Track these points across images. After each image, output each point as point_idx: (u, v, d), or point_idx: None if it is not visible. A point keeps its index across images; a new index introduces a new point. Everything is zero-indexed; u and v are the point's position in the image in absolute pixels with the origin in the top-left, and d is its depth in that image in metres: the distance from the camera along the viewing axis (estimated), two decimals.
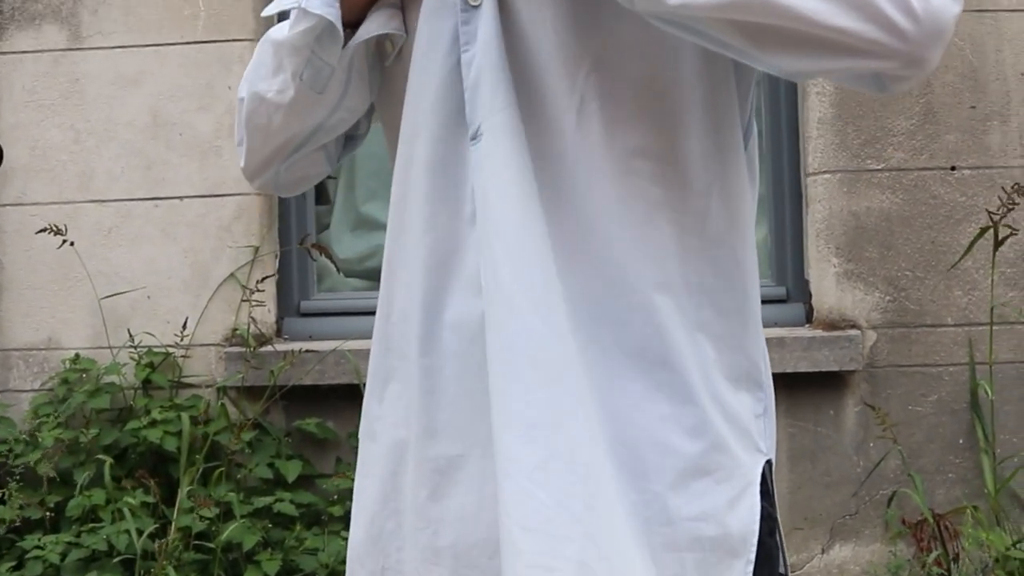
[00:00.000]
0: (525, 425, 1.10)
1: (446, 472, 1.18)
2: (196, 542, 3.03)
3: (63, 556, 2.97)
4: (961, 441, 3.31)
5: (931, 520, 3.21)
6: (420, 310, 1.18)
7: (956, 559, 3.15)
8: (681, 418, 1.14)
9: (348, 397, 3.22)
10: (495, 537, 1.13)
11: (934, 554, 3.14)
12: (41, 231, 3.24)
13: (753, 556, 1.15)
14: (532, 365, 1.10)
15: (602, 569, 1.08)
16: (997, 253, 3.22)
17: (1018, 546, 3.14)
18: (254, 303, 3.22)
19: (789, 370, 3.18)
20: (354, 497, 1.30)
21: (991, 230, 3.11)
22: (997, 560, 3.10)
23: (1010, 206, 3.08)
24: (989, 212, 3.13)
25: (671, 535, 1.13)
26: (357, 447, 1.35)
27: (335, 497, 3.19)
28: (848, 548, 3.30)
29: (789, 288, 3.39)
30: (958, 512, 3.22)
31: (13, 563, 2.98)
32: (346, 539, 2.98)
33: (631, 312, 1.14)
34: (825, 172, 3.28)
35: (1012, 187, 3.08)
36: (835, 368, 3.20)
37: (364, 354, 1.69)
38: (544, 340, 1.10)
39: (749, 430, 1.19)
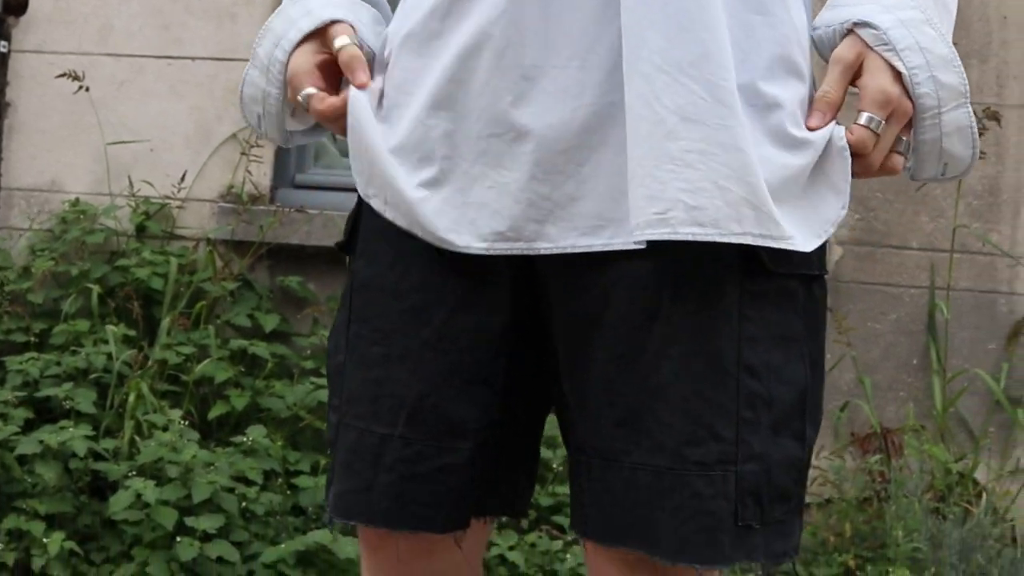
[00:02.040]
0: (673, 27, 1.13)
1: (536, 80, 1.18)
2: (171, 373, 3.16)
3: (42, 372, 3.09)
4: (915, 362, 3.42)
5: (879, 431, 3.33)
6: None
7: (900, 470, 3.26)
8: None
9: (332, 262, 3.36)
10: (591, 143, 1.17)
11: (876, 457, 3.26)
12: (60, 76, 3.39)
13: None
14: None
15: (748, 154, 1.14)
16: (965, 184, 3.35)
17: (960, 462, 3.26)
18: (252, 158, 3.36)
19: None
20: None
21: None
22: (935, 475, 3.22)
23: (980, 131, 3.20)
24: None
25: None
26: (336, 311, 1.36)
27: (308, 352, 3.31)
28: None
29: None
30: (905, 430, 3.33)
31: None
32: (315, 386, 3.10)
33: None
34: None
35: (983, 111, 3.21)
36: None
37: None
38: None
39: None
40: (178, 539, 2.68)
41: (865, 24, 1.20)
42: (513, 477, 1.35)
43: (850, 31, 1.21)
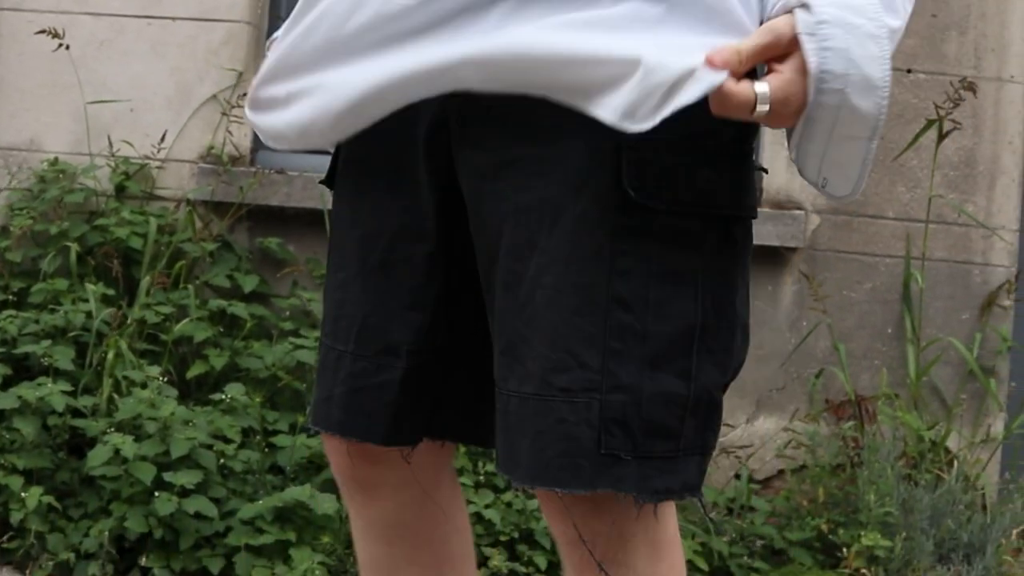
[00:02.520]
0: None
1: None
2: (150, 332, 3.16)
3: (20, 330, 3.09)
4: (890, 331, 3.46)
5: (853, 399, 3.37)
6: None
7: (873, 436, 3.30)
8: None
9: (312, 223, 3.36)
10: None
11: (850, 424, 3.29)
12: (40, 32, 3.37)
13: None
14: None
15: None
16: (942, 155, 3.38)
17: (932, 430, 3.30)
18: (232, 119, 3.36)
19: None
20: None
21: (936, 124, 3.28)
22: (908, 443, 3.26)
23: (956, 101, 3.24)
24: (936, 106, 3.29)
25: None
26: (314, 273, 1.49)
27: (287, 314, 3.32)
28: (772, 420, 3.44)
29: None
30: (879, 397, 3.37)
31: None
32: (294, 346, 3.11)
33: None
34: None
35: (960, 81, 3.24)
36: (776, 243, 3.36)
37: None
38: None
39: None
40: (156, 494, 2.69)
41: (803, 5, 1.09)
42: (465, 404, 1.40)
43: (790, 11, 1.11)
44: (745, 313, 1.25)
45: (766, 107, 1.09)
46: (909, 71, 3.45)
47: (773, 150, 3.44)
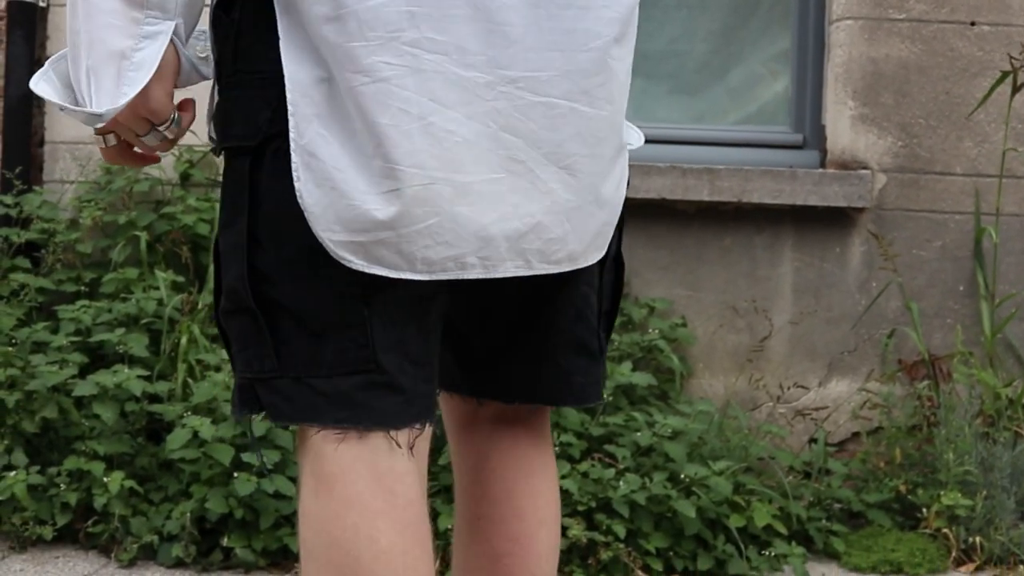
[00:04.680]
0: None
1: None
2: None
3: (94, 319, 3.13)
4: (961, 288, 3.41)
5: (927, 358, 3.32)
6: None
7: (949, 395, 3.26)
8: None
9: None
10: None
11: (924, 383, 3.25)
12: None
13: None
14: None
15: None
16: (1012, 109, 3.32)
17: (1009, 387, 3.25)
18: None
19: (799, 203, 3.30)
20: None
21: (1011, 76, 3.22)
22: (984, 401, 3.21)
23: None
24: (1011, 57, 3.23)
25: None
26: None
27: None
28: (844, 383, 3.41)
29: (806, 135, 3.51)
30: (953, 356, 3.32)
31: (49, 324, 3.14)
32: None
33: None
34: (848, 18, 3.40)
35: None
36: (843, 204, 3.32)
37: None
38: None
39: None
40: (235, 475, 2.71)
41: None
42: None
43: None
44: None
45: None
46: (973, 23, 3.39)
47: (836, 110, 3.40)
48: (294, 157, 1.19)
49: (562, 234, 1.26)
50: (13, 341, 3.02)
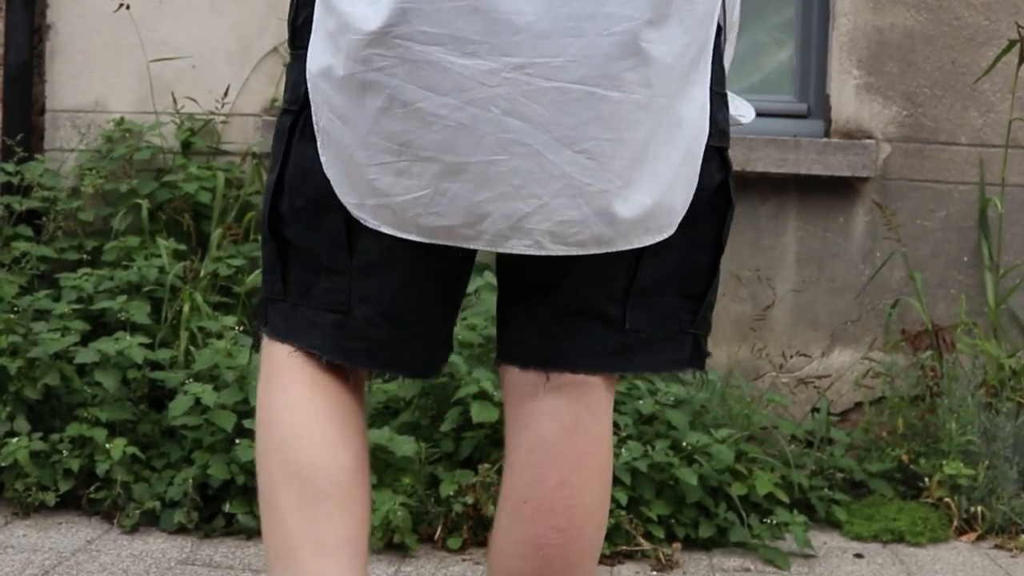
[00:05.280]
0: None
1: None
2: (223, 285, 3.18)
3: (96, 287, 3.12)
4: (965, 259, 3.40)
5: (930, 328, 3.32)
6: None
7: (952, 365, 3.25)
8: None
9: None
10: None
11: (927, 353, 3.25)
12: None
13: None
14: None
15: None
16: (1020, 79, 3.30)
17: (1012, 358, 3.24)
18: None
19: (803, 172, 3.29)
20: None
21: (1017, 45, 3.20)
22: (987, 371, 3.20)
23: None
24: (1018, 26, 3.21)
25: None
26: None
27: None
28: (847, 353, 3.40)
29: (811, 104, 3.49)
30: (957, 327, 3.32)
31: (51, 292, 3.14)
32: None
33: None
34: None
35: None
36: (847, 174, 3.31)
37: None
38: None
39: None
40: (237, 442, 2.71)
41: None
42: None
43: None
44: None
45: None
46: None
47: (841, 79, 3.38)
48: (318, 135, 1.35)
49: (581, 217, 1.28)
50: (15, 309, 3.01)
